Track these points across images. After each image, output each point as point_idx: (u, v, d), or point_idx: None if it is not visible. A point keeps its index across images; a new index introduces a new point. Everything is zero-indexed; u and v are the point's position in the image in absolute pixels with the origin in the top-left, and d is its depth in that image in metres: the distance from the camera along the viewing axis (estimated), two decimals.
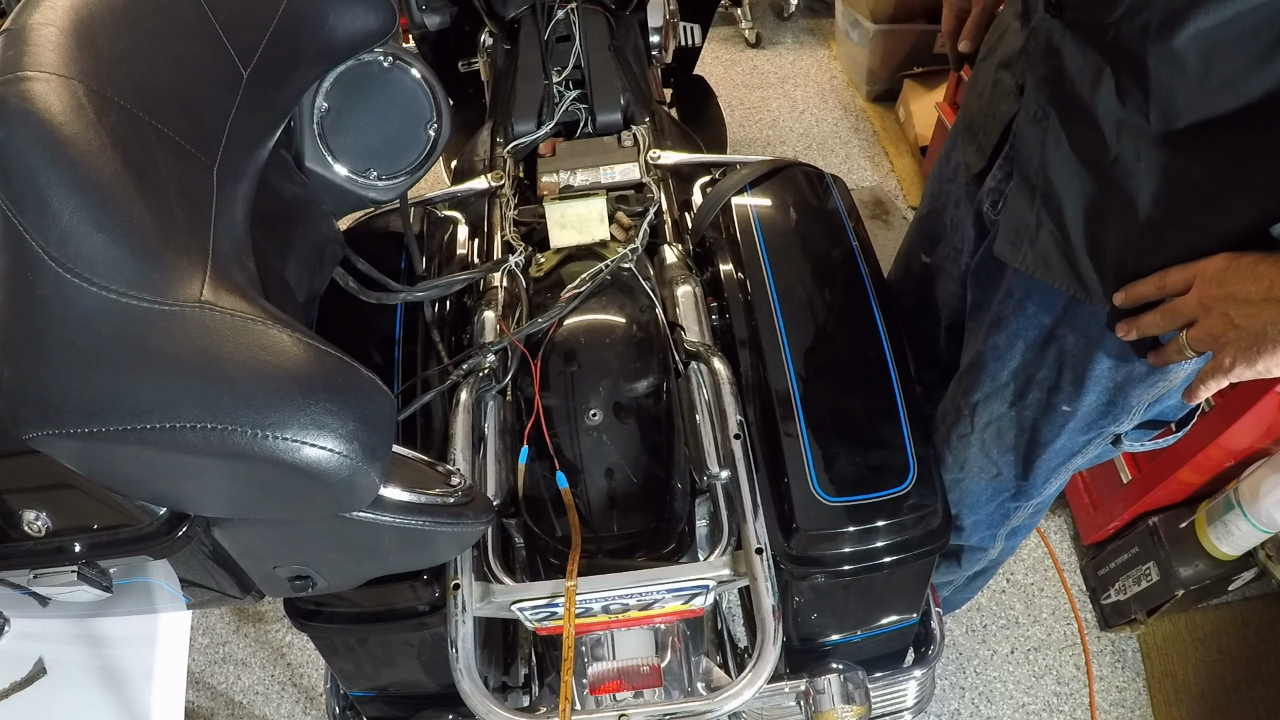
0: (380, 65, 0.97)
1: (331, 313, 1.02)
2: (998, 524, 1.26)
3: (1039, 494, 1.18)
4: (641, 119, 1.34)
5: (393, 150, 1.01)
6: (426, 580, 0.87)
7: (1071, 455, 1.07)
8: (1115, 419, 0.99)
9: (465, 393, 0.95)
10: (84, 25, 0.62)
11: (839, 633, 1.01)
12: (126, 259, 0.55)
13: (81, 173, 0.55)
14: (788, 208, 1.14)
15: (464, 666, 0.82)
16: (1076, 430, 1.02)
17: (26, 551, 0.69)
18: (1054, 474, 1.12)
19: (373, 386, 0.60)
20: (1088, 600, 1.84)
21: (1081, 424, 1.01)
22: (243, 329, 0.56)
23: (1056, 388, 0.98)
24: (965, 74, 2.26)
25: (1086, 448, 1.06)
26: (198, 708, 1.80)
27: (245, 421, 0.53)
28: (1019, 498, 1.19)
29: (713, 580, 0.86)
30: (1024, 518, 1.26)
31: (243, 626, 1.91)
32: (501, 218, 1.18)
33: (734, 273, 1.07)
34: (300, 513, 0.64)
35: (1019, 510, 1.22)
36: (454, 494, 0.72)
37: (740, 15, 3.39)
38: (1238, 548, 1.56)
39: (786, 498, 0.90)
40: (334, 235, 1.02)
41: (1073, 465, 1.10)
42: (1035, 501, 1.20)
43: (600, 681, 0.93)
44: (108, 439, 0.53)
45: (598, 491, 0.94)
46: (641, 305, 1.04)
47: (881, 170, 2.83)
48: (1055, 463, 1.09)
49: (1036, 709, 1.71)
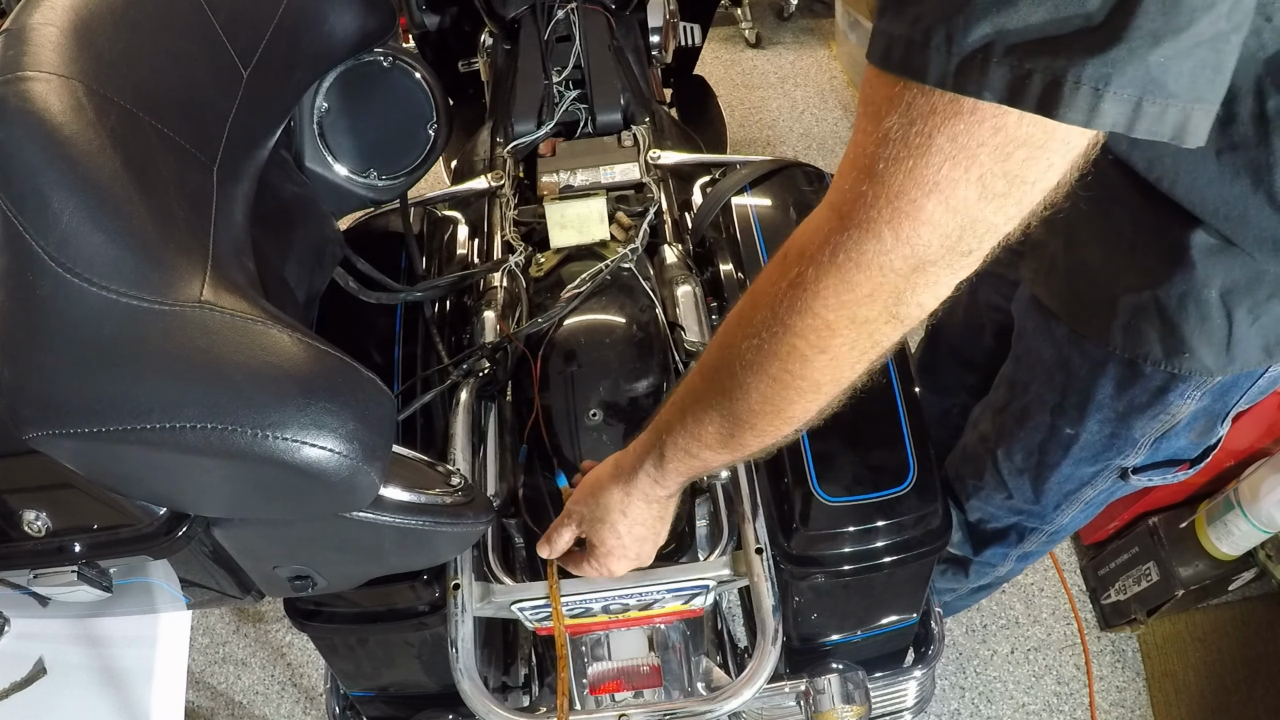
0: (380, 65, 0.97)
1: (331, 313, 1.02)
2: (1011, 544, 1.26)
3: (1052, 522, 1.18)
4: (641, 119, 1.34)
5: (393, 150, 1.01)
6: (426, 580, 0.87)
7: (1081, 485, 1.08)
8: (1120, 451, 0.99)
9: (465, 393, 0.95)
10: (84, 25, 0.62)
11: (839, 633, 1.01)
12: (126, 259, 0.55)
13: (82, 173, 0.55)
14: (788, 208, 1.14)
15: (464, 666, 0.82)
16: (1083, 460, 1.02)
17: (26, 551, 0.69)
18: (1065, 502, 1.12)
19: (372, 386, 0.60)
20: (1088, 600, 1.84)
21: (1088, 454, 1.01)
22: (243, 329, 0.56)
23: (1060, 409, 0.98)
24: None
25: (1095, 479, 1.06)
26: (198, 708, 1.80)
27: (245, 421, 0.53)
28: (1033, 520, 1.19)
29: (713, 580, 0.86)
30: (1038, 543, 1.26)
31: (243, 626, 1.91)
32: (501, 218, 1.18)
33: (734, 273, 1.07)
34: (300, 513, 0.64)
35: (1034, 534, 1.23)
36: (454, 494, 0.72)
37: (740, 15, 3.39)
38: (1238, 548, 1.56)
39: (786, 498, 0.90)
40: (334, 235, 1.02)
41: (1084, 497, 1.10)
42: (1049, 529, 1.21)
43: (600, 681, 0.93)
44: (108, 439, 0.53)
45: None
46: (641, 305, 1.04)
47: None
48: (1065, 489, 1.09)
49: (1036, 709, 1.70)
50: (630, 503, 0.77)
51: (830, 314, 0.53)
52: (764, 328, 0.57)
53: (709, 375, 0.64)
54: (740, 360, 0.59)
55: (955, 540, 1.33)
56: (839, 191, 0.51)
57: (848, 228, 0.50)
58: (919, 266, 0.50)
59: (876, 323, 0.54)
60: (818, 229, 0.53)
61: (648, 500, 0.76)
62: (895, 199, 0.47)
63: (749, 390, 0.60)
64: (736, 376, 0.60)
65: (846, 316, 0.53)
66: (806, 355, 0.56)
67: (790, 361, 0.57)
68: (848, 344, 0.55)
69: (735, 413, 0.62)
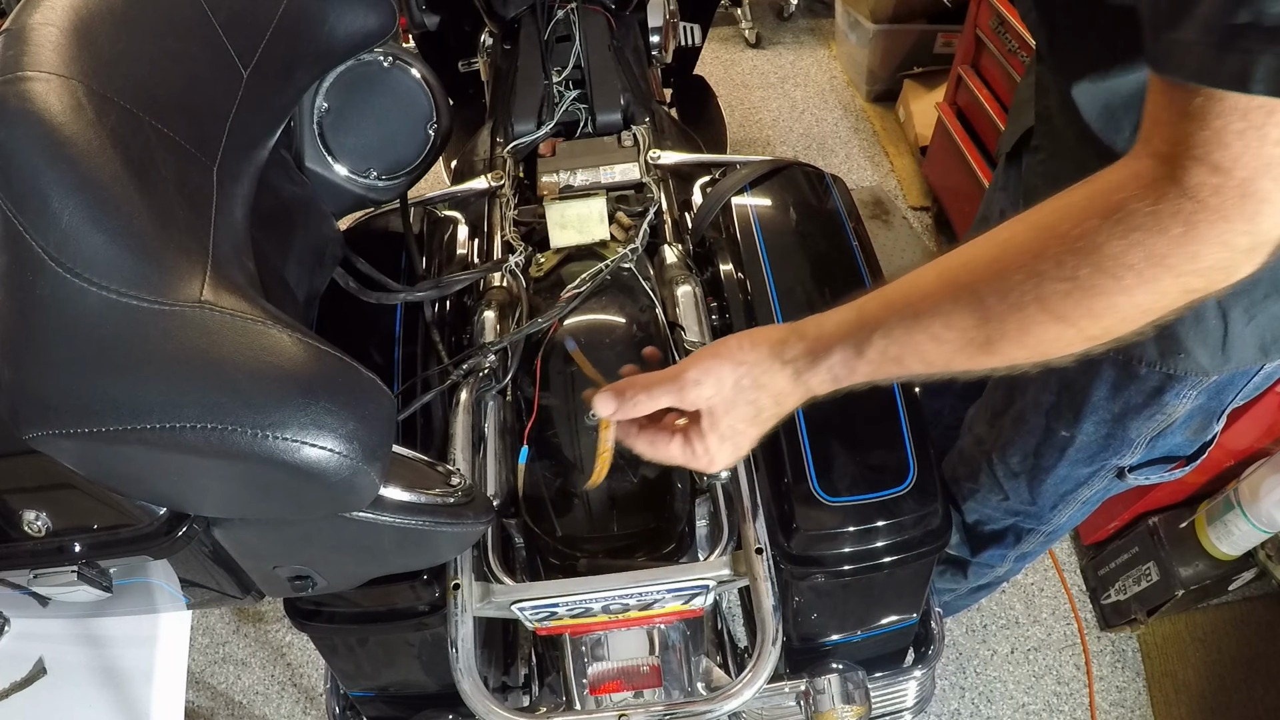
0: (380, 65, 0.97)
1: (331, 313, 1.02)
2: (1009, 545, 1.26)
3: (1049, 522, 1.18)
4: (641, 119, 1.34)
5: (393, 150, 1.01)
6: (426, 580, 0.87)
7: (1077, 485, 1.08)
8: (1116, 452, 0.99)
9: (465, 393, 0.95)
10: (84, 25, 0.62)
11: (839, 633, 1.01)
12: (126, 259, 0.55)
13: (81, 173, 0.55)
14: (788, 208, 1.14)
15: (464, 666, 0.82)
16: (1079, 461, 1.02)
17: (26, 551, 0.69)
18: (1062, 502, 1.12)
19: (373, 386, 0.60)
20: (1088, 600, 1.84)
21: (1083, 454, 1.01)
22: (243, 329, 0.56)
23: (1056, 411, 0.98)
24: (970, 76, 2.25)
25: (1092, 480, 1.06)
26: (198, 708, 1.80)
27: (245, 421, 0.53)
28: (1030, 521, 1.19)
29: (713, 580, 0.86)
30: (1036, 543, 1.26)
31: (243, 626, 1.91)
32: (501, 218, 1.18)
33: (734, 273, 1.07)
34: (300, 513, 0.64)
35: (1031, 535, 1.23)
36: (454, 494, 0.72)
37: (740, 15, 3.40)
38: (1238, 548, 1.56)
39: (786, 498, 0.90)
40: (334, 235, 1.02)
41: (1080, 497, 1.10)
42: (1046, 529, 1.21)
43: (600, 681, 0.93)
44: (108, 439, 0.53)
45: (598, 491, 0.94)
46: (641, 305, 1.04)
47: (881, 170, 2.83)
48: (1062, 490, 1.09)
49: (1036, 709, 1.71)
50: (792, 389, 0.67)
51: (1165, 281, 0.53)
52: (1064, 274, 0.55)
53: (966, 292, 0.60)
54: (1020, 292, 0.57)
55: (953, 542, 1.33)
56: (1181, 168, 0.51)
57: (1198, 209, 0.51)
58: (1256, 246, 0.52)
59: (1197, 291, 0.55)
60: (1153, 194, 0.53)
61: (807, 391, 0.68)
62: (1244, 185, 0.49)
63: (1027, 325, 0.58)
64: (1014, 307, 0.57)
65: (1180, 287, 0.54)
66: (1102, 312, 0.55)
67: (1079, 317, 0.56)
68: (1156, 303, 0.55)
69: (988, 337, 0.59)
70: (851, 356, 0.65)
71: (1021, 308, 0.57)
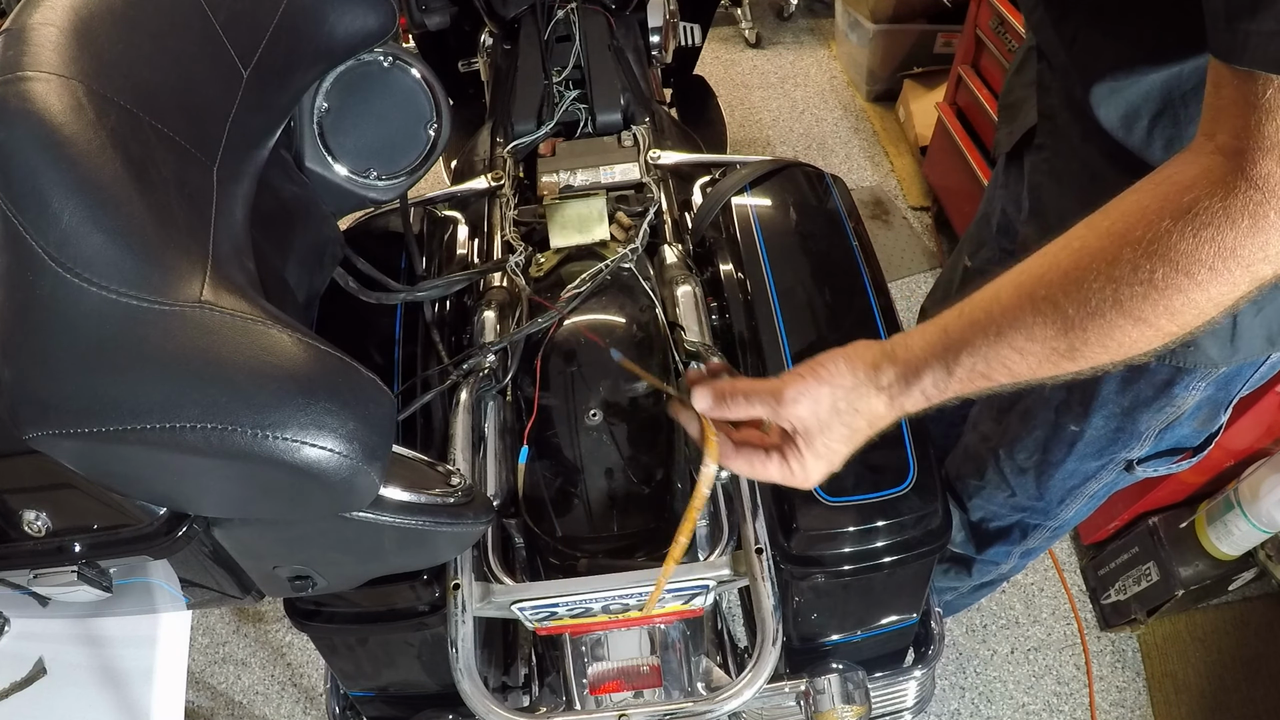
0: (380, 65, 0.96)
1: (331, 313, 1.02)
2: (1015, 542, 1.26)
3: (1055, 517, 1.18)
4: (641, 119, 1.34)
5: (393, 150, 1.01)
6: (426, 580, 0.87)
7: (1085, 480, 1.08)
8: (1125, 445, 0.99)
9: (465, 393, 0.95)
10: (84, 25, 0.62)
11: (839, 633, 1.01)
12: (126, 259, 0.55)
13: (81, 173, 0.55)
14: (788, 208, 1.14)
15: (464, 666, 0.82)
16: (1087, 455, 1.02)
17: (26, 551, 0.69)
18: (1069, 497, 1.12)
19: (373, 386, 0.60)
20: (1088, 600, 1.84)
21: (1092, 448, 1.01)
22: (243, 329, 0.56)
23: (1065, 406, 0.98)
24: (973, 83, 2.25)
25: (1100, 473, 1.06)
26: (198, 708, 1.80)
27: (245, 421, 0.53)
28: (1036, 516, 1.19)
29: (713, 580, 0.86)
30: (1041, 539, 1.26)
31: (243, 626, 1.91)
32: (501, 218, 1.18)
33: (734, 273, 1.07)
34: (300, 513, 0.64)
35: (1038, 530, 1.23)
36: (454, 494, 0.72)
37: (740, 15, 3.40)
38: (1238, 548, 1.56)
39: (786, 498, 0.90)
40: (334, 235, 1.02)
41: (1087, 491, 1.10)
42: (1053, 525, 1.21)
43: (600, 681, 0.93)
44: (108, 439, 0.53)
45: (598, 491, 0.94)
46: (641, 305, 1.04)
47: (881, 170, 2.84)
48: (1069, 484, 1.09)
49: (1036, 709, 1.71)
50: (887, 411, 0.70)
51: (1237, 272, 0.55)
52: (1140, 277, 0.57)
53: (1045, 304, 0.61)
54: (1099, 300, 0.58)
55: (958, 540, 1.33)
56: (1249, 160, 0.52)
57: (1265, 199, 0.52)
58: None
59: (1266, 279, 0.56)
60: (1222, 189, 0.54)
61: (901, 412, 0.71)
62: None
63: (1108, 330, 0.59)
64: (1093, 315, 0.59)
65: (1251, 276, 0.55)
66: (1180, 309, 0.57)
67: (1158, 316, 0.57)
68: (1229, 295, 0.56)
69: (1071, 345, 0.60)
70: (943, 377, 0.67)
71: (1101, 314, 0.58)
